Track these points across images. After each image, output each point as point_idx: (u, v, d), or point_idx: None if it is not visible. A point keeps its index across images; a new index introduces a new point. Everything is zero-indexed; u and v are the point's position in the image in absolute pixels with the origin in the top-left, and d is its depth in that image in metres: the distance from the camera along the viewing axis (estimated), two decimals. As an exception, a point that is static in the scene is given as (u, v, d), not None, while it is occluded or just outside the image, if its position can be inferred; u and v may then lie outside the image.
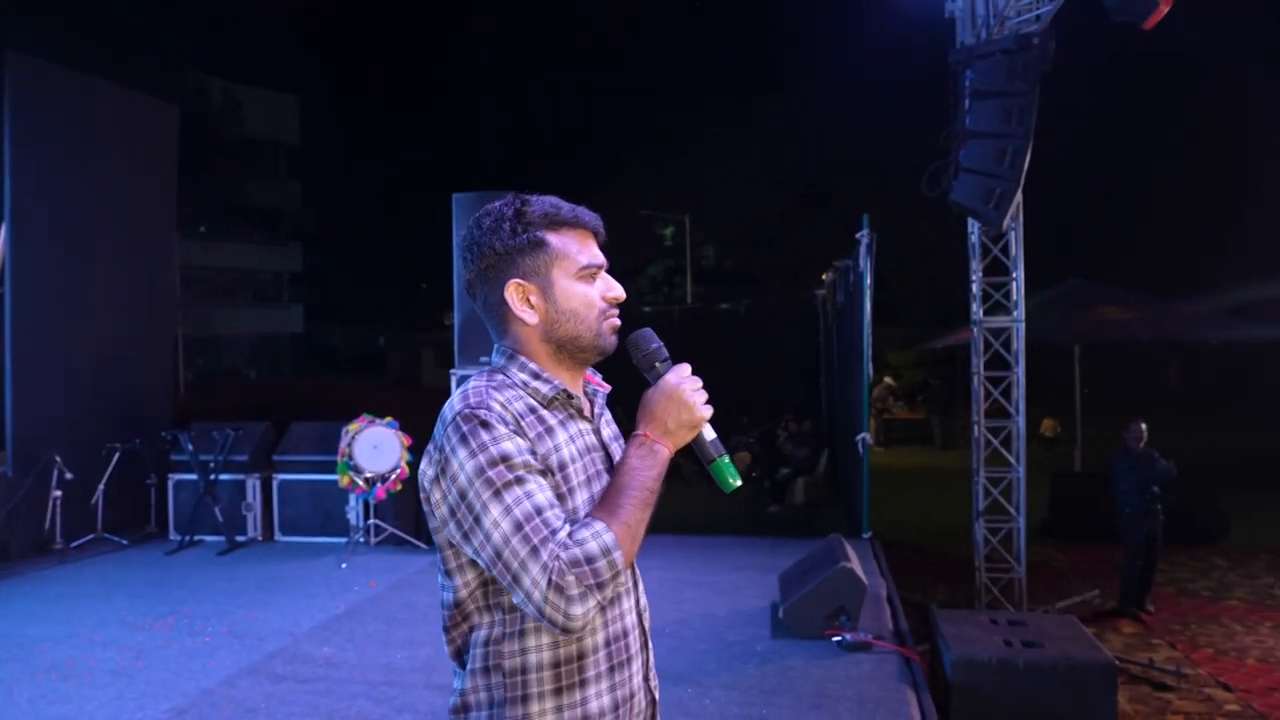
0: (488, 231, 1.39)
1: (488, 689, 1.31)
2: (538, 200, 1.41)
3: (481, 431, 1.25)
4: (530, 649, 1.29)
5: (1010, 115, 6.13)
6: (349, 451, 6.29)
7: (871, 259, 6.71)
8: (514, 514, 1.22)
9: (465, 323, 6.41)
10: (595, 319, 1.42)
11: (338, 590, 5.59)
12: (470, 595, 1.32)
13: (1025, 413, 7.15)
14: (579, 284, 1.41)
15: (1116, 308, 11.15)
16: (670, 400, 1.37)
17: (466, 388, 1.35)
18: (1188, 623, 7.32)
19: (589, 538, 1.22)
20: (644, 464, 1.33)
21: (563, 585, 1.18)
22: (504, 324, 1.42)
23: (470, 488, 1.24)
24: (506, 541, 1.21)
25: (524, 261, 1.38)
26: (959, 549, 9.86)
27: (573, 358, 1.43)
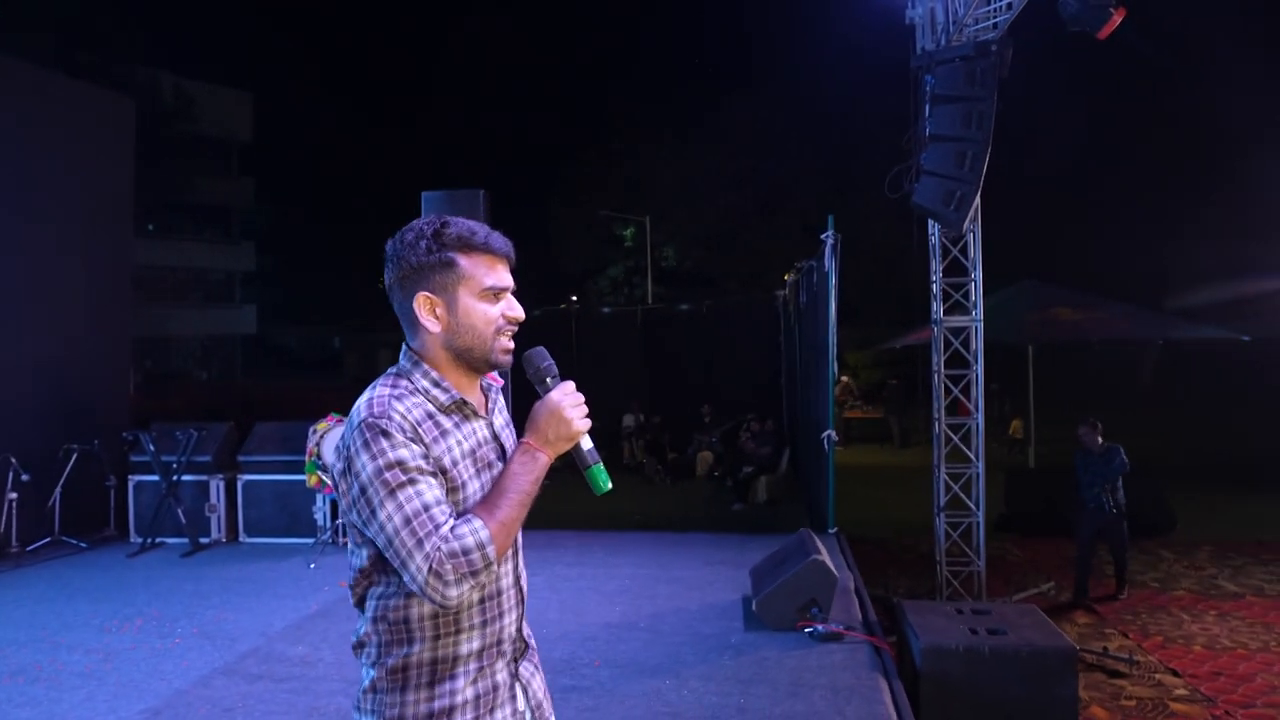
0: (407, 246, 1.56)
1: (378, 633, 1.56)
2: (455, 223, 1.58)
3: (381, 439, 1.46)
4: (413, 604, 1.53)
5: (970, 120, 6.31)
6: (317, 451, 6.24)
7: (836, 259, 6.84)
8: (404, 510, 1.43)
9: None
10: (490, 335, 1.59)
11: (308, 590, 5.55)
12: (372, 565, 1.55)
13: (984, 410, 7.34)
14: (481, 303, 1.58)
15: (1068, 308, 11.47)
16: (552, 415, 1.56)
17: (372, 395, 1.53)
18: (1138, 613, 7.58)
19: (467, 534, 1.44)
20: (524, 469, 1.54)
21: (441, 573, 1.41)
22: (413, 328, 1.61)
23: (370, 485, 1.45)
24: (397, 533, 1.43)
25: (434, 277, 1.56)
26: (919, 543, 10.09)
27: (469, 366, 1.62)
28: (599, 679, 4.01)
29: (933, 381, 7.58)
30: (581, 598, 5.31)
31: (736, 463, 12.75)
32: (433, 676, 1.55)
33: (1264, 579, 8.46)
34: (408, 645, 1.55)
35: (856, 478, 13.99)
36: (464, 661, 1.57)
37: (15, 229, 6.82)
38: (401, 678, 1.55)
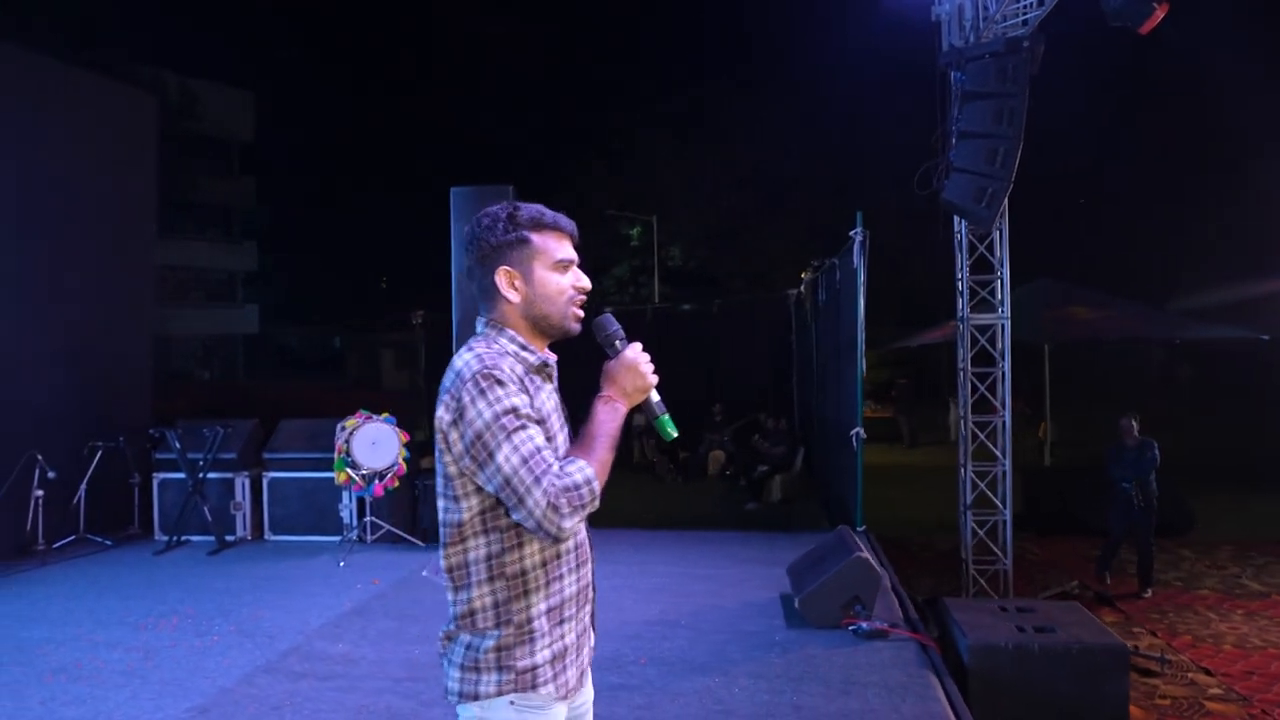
0: (485, 229, 1.76)
1: (493, 593, 1.66)
2: (526, 207, 1.78)
3: (497, 388, 1.61)
4: (526, 556, 1.67)
5: (1001, 116, 6.28)
6: (347, 448, 6.20)
7: (865, 257, 6.81)
8: (520, 451, 1.58)
9: (464, 317, 6.37)
10: (564, 303, 1.79)
11: (340, 588, 5.51)
12: (472, 519, 1.66)
13: (1011, 407, 7.32)
14: (554, 274, 1.78)
15: (1084, 307, 11.46)
16: (628, 370, 1.77)
17: (478, 351, 1.68)
18: (1164, 611, 7.56)
19: (574, 471, 1.61)
20: (609, 417, 1.72)
21: (558, 505, 1.56)
22: (493, 302, 1.78)
23: (487, 430, 1.59)
24: (515, 471, 1.57)
25: (512, 254, 1.75)
26: (936, 542, 10.06)
27: (544, 333, 1.80)
28: (647, 677, 3.98)
29: (958, 379, 7.56)
30: (619, 595, 5.28)
31: (750, 462, 12.73)
32: (550, 623, 1.69)
33: (1289, 578, 8.45)
34: (527, 597, 1.67)
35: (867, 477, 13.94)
36: (568, 605, 1.73)
37: (42, 225, 6.78)
38: (529, 630, 1.66)
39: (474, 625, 1.69)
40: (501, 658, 1.66)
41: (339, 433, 6.32)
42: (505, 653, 1.66)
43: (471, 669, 1.68)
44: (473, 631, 1.69)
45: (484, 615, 1.68)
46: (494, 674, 1.66)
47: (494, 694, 1.67)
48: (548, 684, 1.69)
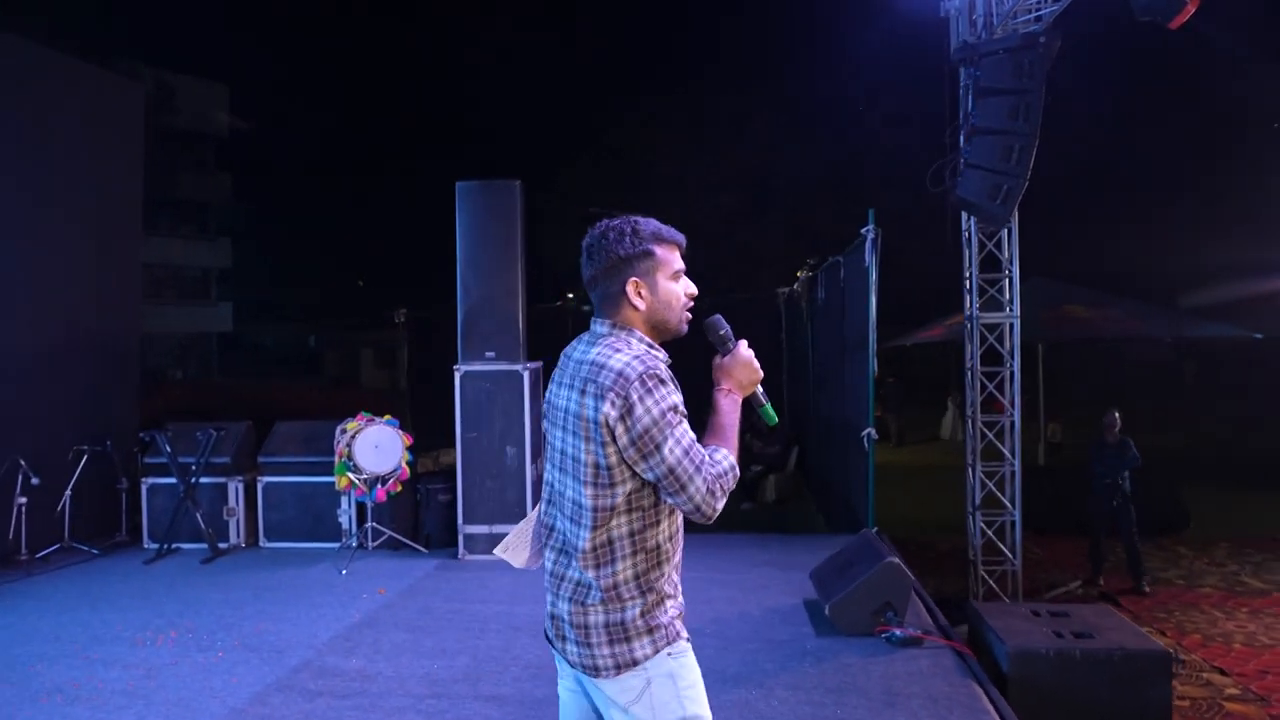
0: (614, 242, 1.92)
1: (633, 565, 1.84)
2: (645, 222, 1.95)
3: (661, 387, 1.81)
4: (661, 531, 1.88)
5: (1018, 112, 6.19)
6: (348, 452, 5.99)
7: (877, 255, 6.70)
8: (682, 443, 1.79)
9: (468, 318, 6.19)
10: (679, 309, 1.98)
11: (345, 598, 5.30)
12: (623, 500, 1.83)
13: (1020, 407, 7.25)
14: (672, 283, 1.96)
15: (1079, 306, 11.46)
16: (745, 366, 2.01)
17: (632, 355, 1.85)
18: (1170, 610, 7.53)
19: (721, 459, 1.86)
20: (732, 409, 1.98)
21: (714, 490, 1.79)
22: (616, 307, 1.94)
23: (655, 425, 1.77)
24: (679, 462, 1.78)
25: (639, 265, 1.92)
26: (937, 542, 10.01)
27: (660, 336, 1.99)
28: (679, 690, 3.82)
29: (966, 378, 7.48)
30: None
31: (744, 461, 12.61)
32: (673, 584, 1.92)
33: (1288, 575, 8.47)
34: (661, 567, 1.88)
35: (861, 476, 13.91)
36: (677, 568, 1.95)
37: (25, 218, 6.50)
38: (663, 594, 1.88)
39: (618, 598, 1.84)
40: (647, 620, 1.84)
41: (339, 436, 6.11)
42: (648, 615, 1.84)
43: (622, 640, 1.84)
44: (614, 604, 1.84)
45: (627, 587, 1.84)
46: (645, 637, 1.84)
47: (651, 653, 1.84)
48: (680, 636, 1.90)
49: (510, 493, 6.12)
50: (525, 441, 6.09)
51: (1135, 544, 8.17)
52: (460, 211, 6.16)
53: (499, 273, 6.12)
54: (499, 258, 6.12)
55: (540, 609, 2.02)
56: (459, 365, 6.16)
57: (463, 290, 6.17)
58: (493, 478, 6.11)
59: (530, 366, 6.23)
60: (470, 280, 6.16)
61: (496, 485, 6.12)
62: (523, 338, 6.17)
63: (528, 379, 6.11)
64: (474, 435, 6.10)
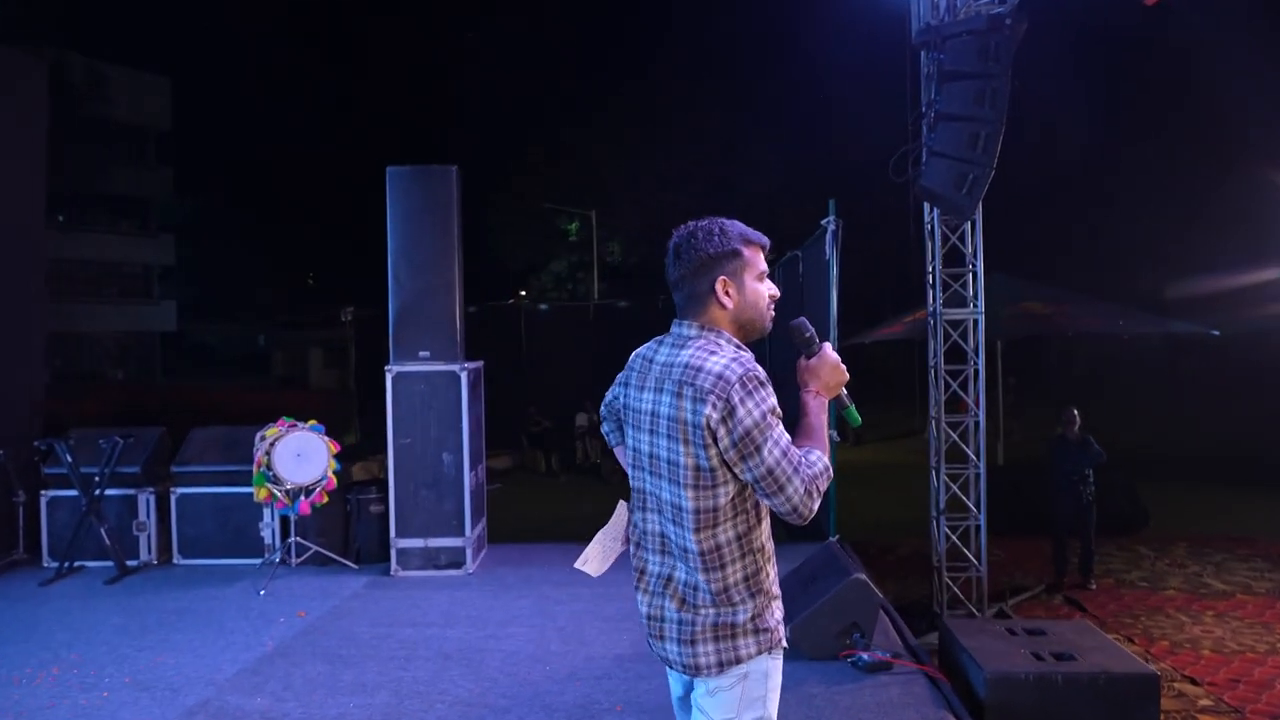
0: (702, 241, 1.92)
1: (743, 568, 1.87)
2: (731, 223, 1.97)
3: (762, 389, 1.82)
4: (763, 533, 1.93)
5: (984, 98, 5.90)
6: (267, 460, 5.47)
7: (838, 247, 6.36)
8: (781, 444, 1.79)
9: (401, 315, 5.71)
10: (764, 309, 1.99)
11: (260, 624, 4.79)
12: (728, 503, 1.85)
13: (985, 407, 6.98)
14: (757, 284, 1.98)
15: (1038, 302, 11.31)
16: (833, 368, 2.00)
17: (730, 358, 1.84)
18: (1136, 615, 7.34)
19: (816, 460, 1.86)
20: (821, 409, 1.98)
21: (811, 491, 1.80)
22: (703, 307, 1.94)
23: (757, 427, 1.78)
24: (778, 463, 1.78)
25: (727, 265, 1.92)
26: (898, 545, 9.76)
27: (746, 335, 1.98)
28: (625, 728, 3.42)
29: (930, 376, 7.19)
30: (581, 624, 4.70)
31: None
32: (778, 586, 1.97)
33: (1248, 576, 8.35)
34: (767, 567, 1.92)
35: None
36: (776, 568, 1.98)
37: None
38: (772, 595, 1.93)
39: (729, 600, 1.86)
40: (757, 623, 1.87)
41: (258, 443, 5.58)
42: (759, 618, 1.88)
43: (728, 638, 1.86)
44: (725, 607, 1.86)
45: (737, 589, 1.86)
46: (751, 638, 1.86)
47: (755, 653, 1.87)
48: (783, 639, 1.94)
49: (447, 503, 5.65)
50: (463, 448, 5.63)
51: (1092, 548, 8.11)
52: (392, 200, 5.68)
53: (434, 266, 5.66)
54: (434, 249, 5.65)
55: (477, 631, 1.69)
56: (390, 366, 5.68)
57: (394, 284, 5.69)
58: (428, 487, 5.64)
59: (469, 367, 5.77)
60: (403, 273, 5.68)
61: (432, 495, 5.65)
62: (460, 336, 5.71)
63: (466, 380, 5.65)
64: (407, 441, 5.63)
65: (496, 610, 4.93)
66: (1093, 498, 8.05)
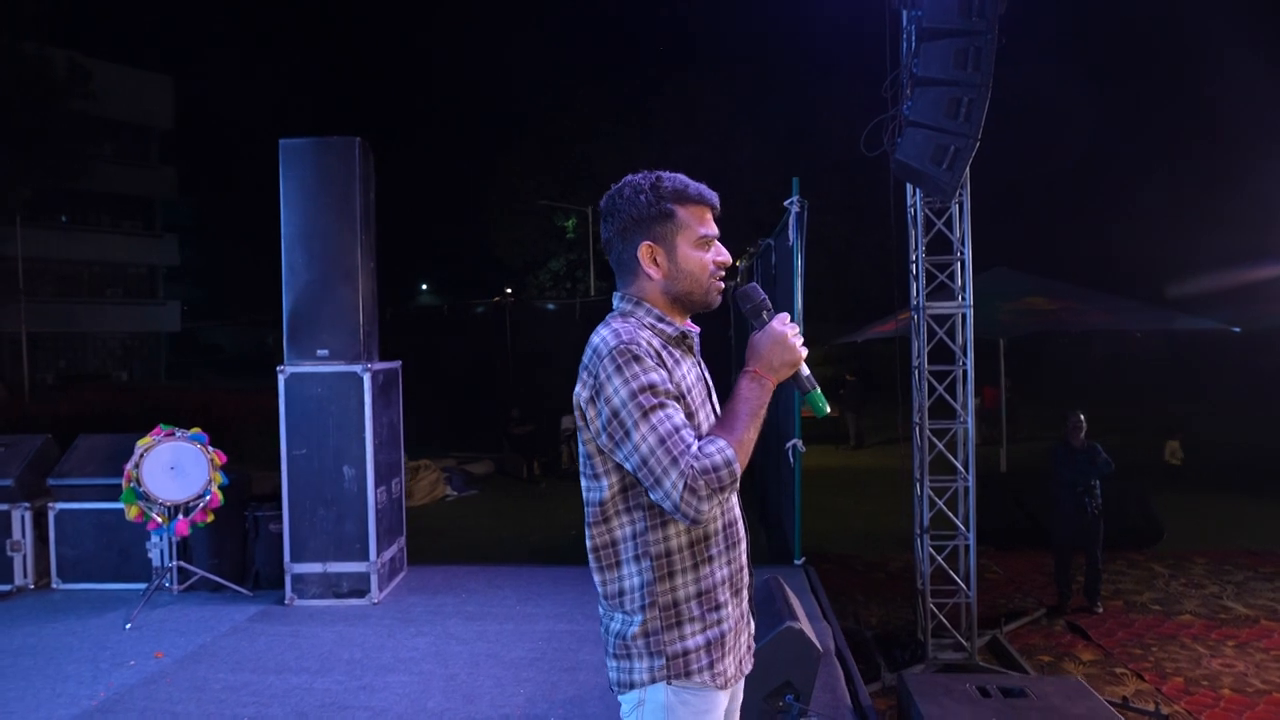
0: (627, 200, 1.74)
1: (639, 573, 1.66)
2: (669, 177, 1.75)
3: (634, 364, 1.61)
4: (670, 536, 1.66)
5: (966, 59, 5.14)
6: (136, 474, 4.78)
7: (803, 230, 5.61)
8: (658, 431, 1.57)
9: (295, 311, 5.00)
10: (706, 279, 1.76)
11: (104, 668, 4.09)
12: (613, 497, 1.67)
13: (974, 411, 6.21)
14: (696, 250, 1.75)
15: (1043, 298, 10.54)
16: (776, 343, 1.71)
17: (615, 326, 1.67)
18: (1147, 645, 6.54)
19: (714, 452, 1.58)
20: (754, 394, 1.67)
21: (695, 488, 1.54)
22: (632, 277, 1.77)
23: (624, 408, 1.59)
24: (652, 452, 1.56)
25: (655, 228, 1.73)
26: (887, 561, 8.98)
27: (684, 309, 1.78)
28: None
29: (913, 378, 6.42)
30: (476, 672, 3.97)
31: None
32: (702, 608, 1.65)
33: (1274, 598, 7.52)
34: (672, 579, 1.65)
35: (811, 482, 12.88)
36: (720, 590, 1.68)
37: None
38: (675, 613, 1.64)
39: (621, 608, 1.67)
40: (651, 643, 1.64)
41: (133, 453, 4.89)
42: (654, 638, 1.64)
43: (624, 656, 1.66)
44: (620, 614, 1.67)
45: (630, 597, 1.66)
46: (645, 659, 1.64)
47: (648, 680, 1.64)
48: (702, 672, 1.65)
49: (349, 524, 4.94)
50: (366, 460, 4.92)
51: (1099, 567, 7.35)
52: (285, 177, 4.98)
53: (334, 251, 4.95)
54: (333, 233, 4.95)
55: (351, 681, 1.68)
56: (283, 366, 4.98)
57: (288, 273, 4.99)
58: (326, 505, 4.94)
59: (377, 367, 5.06)
60: (298, 261, 4.98)
61: (331, 514, 4.94)
62: (364, 331, 5.00)
63: (370, 383, 4.93)
64: (302, 452, 4.92)
65: (386, 651, 4.22)
66: (1099, 511, 7.32)
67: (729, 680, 1.69)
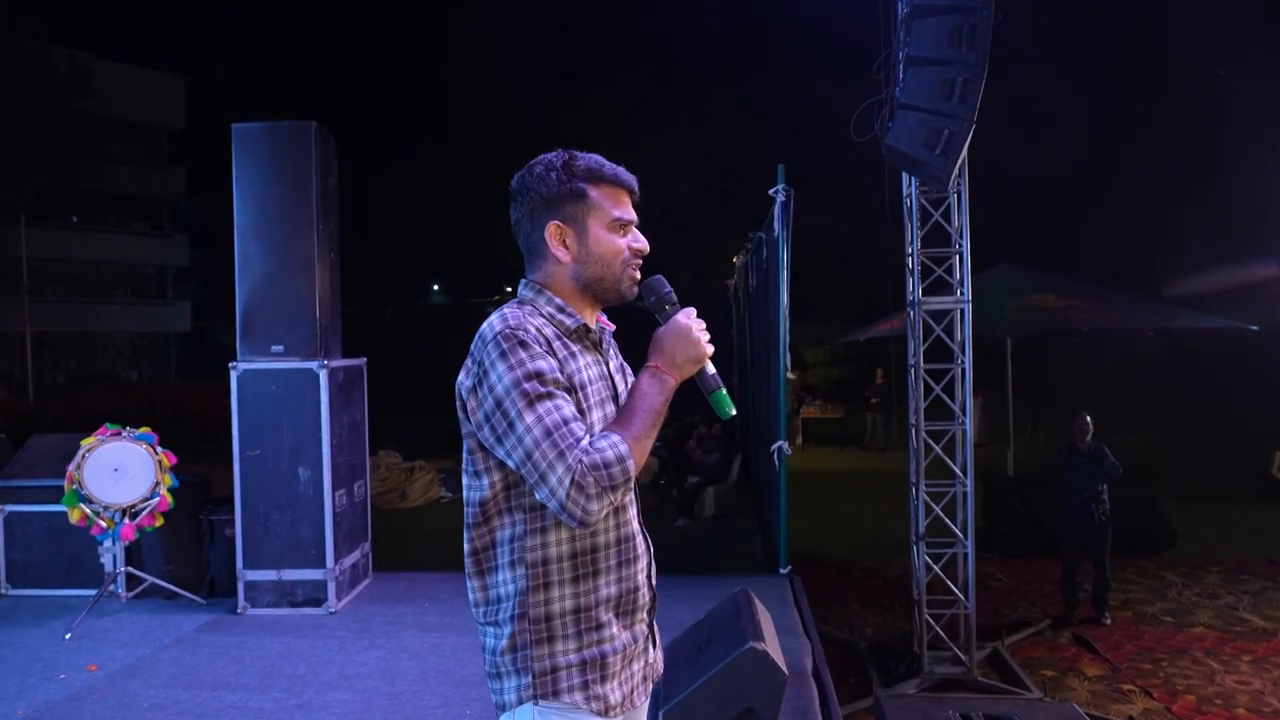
0: (537, 178, 1.61)
1: (513, 580, 1.51)
2: (583, 156, 1.64)
3: (520, 350, 1.47)
4: (550, 543, 1.51)
5: (960, 36, 4.83)
6: (78, 476, 4.53)
7: (789, 220, 5.31)
8: (544, 422, 1.42)
9: (249, 305, 4.75)
10: (619, 266, 1.65)
11: (30, 683, 3.84)
12: (494, 496, 1.52)
13: (972, 413, 5.89)
14: (609, 234, 1.64)
15: (1051, 295, 10.17)
16: (679, 337, 1.60)
17: (504, 311, 1.54)
18: (1156, 659, 6.19)
19: (607, 447, 1.44)
20: (653, 390, 1.55)
21: (584, 485, 1.40)
22: (539, 260, 1.64)
23: (507, 397, 1.45)
24: (537, 444, 1.41)
25: (565, 208, 1.61)
26: (887, 567, 8.66)
27: (596, 298, 1.66)
28: None
29: (908, 377, 6.12)
30: (423, 689, 3.70)
31: (681, 471, 11.30)
32: (579, 625, 1.51)
33: (1292, 608, 7.16)
34: (547, 590, 1.51)
35: (813, 484, 12.55)
36: (603, 608, 1.54)
37: None
38: (546, 628, 1.50)
39: (495, 618, 1.53)
40: (518, 659, 1.50)
41: (76, 454, 4.65)
42: (521, 653, 1.50)
43: (495, 675, 1.54)
44: (490, 625, 1.54)
45: (501, 606, 1.52)
46: (513, 678, 1.51)
47: (516, 701, 1.50)
48: (573, 692, 1.50)
49: (305, 529, 4.68)
50: (323, 461, 4.65)
51: (1107, 575, 7.02)
52: (239, 164, 4.73)
53: (289, 242, 4.69)
54: (289, 222, 4.69)
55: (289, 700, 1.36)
56: (236, 362, 4.72)
57: (241, 264, 4.73)
58: (281, 508, 4.68)
59: (335, 364, 4.80)
60: (252, 252, 4.72)
61: (286, 519, 4.68)
62: (321, 325, 4.74)
63: (328, 381, 4.67)
64: (255, 453, 4.66)
65: (332, 667, 3.95)
66: (1107, 517, 7.00)
67: (609, 709, 1.52)
